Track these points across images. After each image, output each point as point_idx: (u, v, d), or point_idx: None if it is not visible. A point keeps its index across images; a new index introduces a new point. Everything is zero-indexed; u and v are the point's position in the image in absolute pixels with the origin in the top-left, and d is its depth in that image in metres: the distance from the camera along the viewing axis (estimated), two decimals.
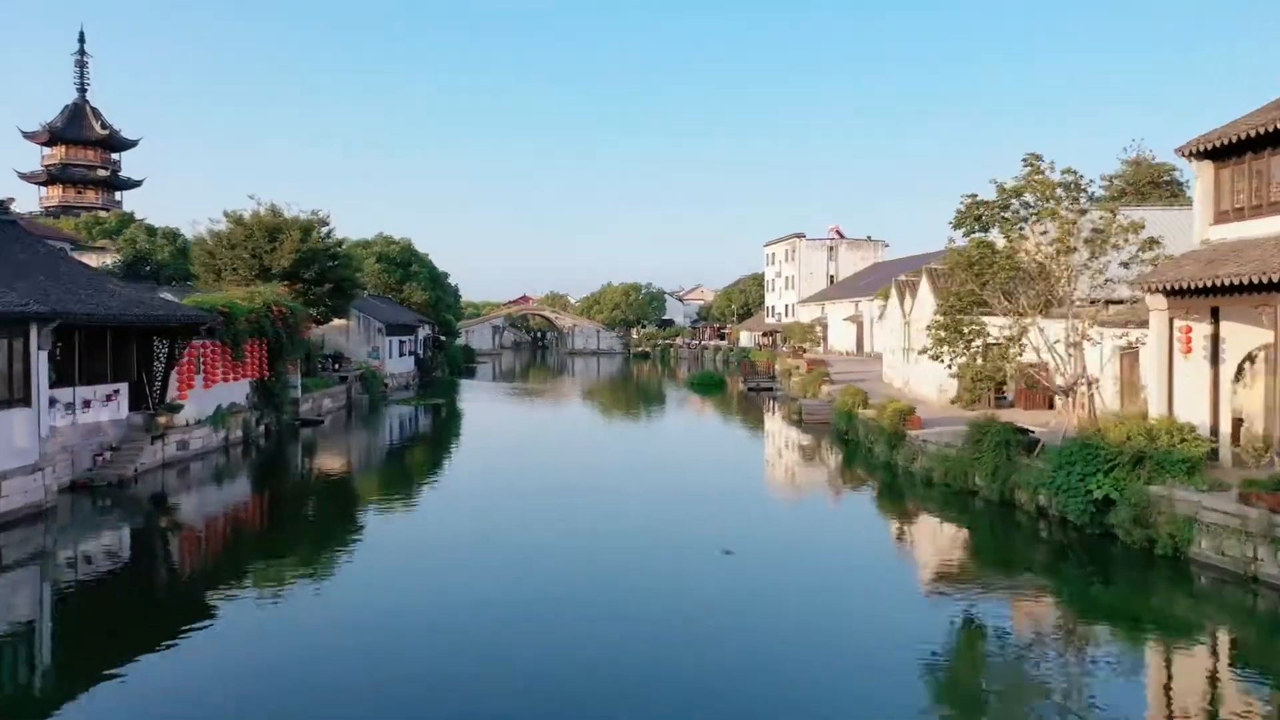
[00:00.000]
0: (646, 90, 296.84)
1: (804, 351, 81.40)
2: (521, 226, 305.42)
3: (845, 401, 30.57)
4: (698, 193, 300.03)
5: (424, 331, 70.19)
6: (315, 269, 44.43)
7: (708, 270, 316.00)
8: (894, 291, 39.16)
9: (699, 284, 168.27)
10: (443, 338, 73.37)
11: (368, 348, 52.51)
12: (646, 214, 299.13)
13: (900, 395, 34.23)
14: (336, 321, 51.68)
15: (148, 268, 58.15)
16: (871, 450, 27.23)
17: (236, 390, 29.38)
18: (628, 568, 16.16)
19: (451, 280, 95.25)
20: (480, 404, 53.06)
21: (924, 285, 32.64)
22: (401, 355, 57.25)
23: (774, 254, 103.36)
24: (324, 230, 47.48)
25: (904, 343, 36.32)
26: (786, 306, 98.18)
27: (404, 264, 73.35)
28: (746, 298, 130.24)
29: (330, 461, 30.31)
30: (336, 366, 50.11)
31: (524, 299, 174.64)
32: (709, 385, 59.93)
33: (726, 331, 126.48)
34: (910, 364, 35.11)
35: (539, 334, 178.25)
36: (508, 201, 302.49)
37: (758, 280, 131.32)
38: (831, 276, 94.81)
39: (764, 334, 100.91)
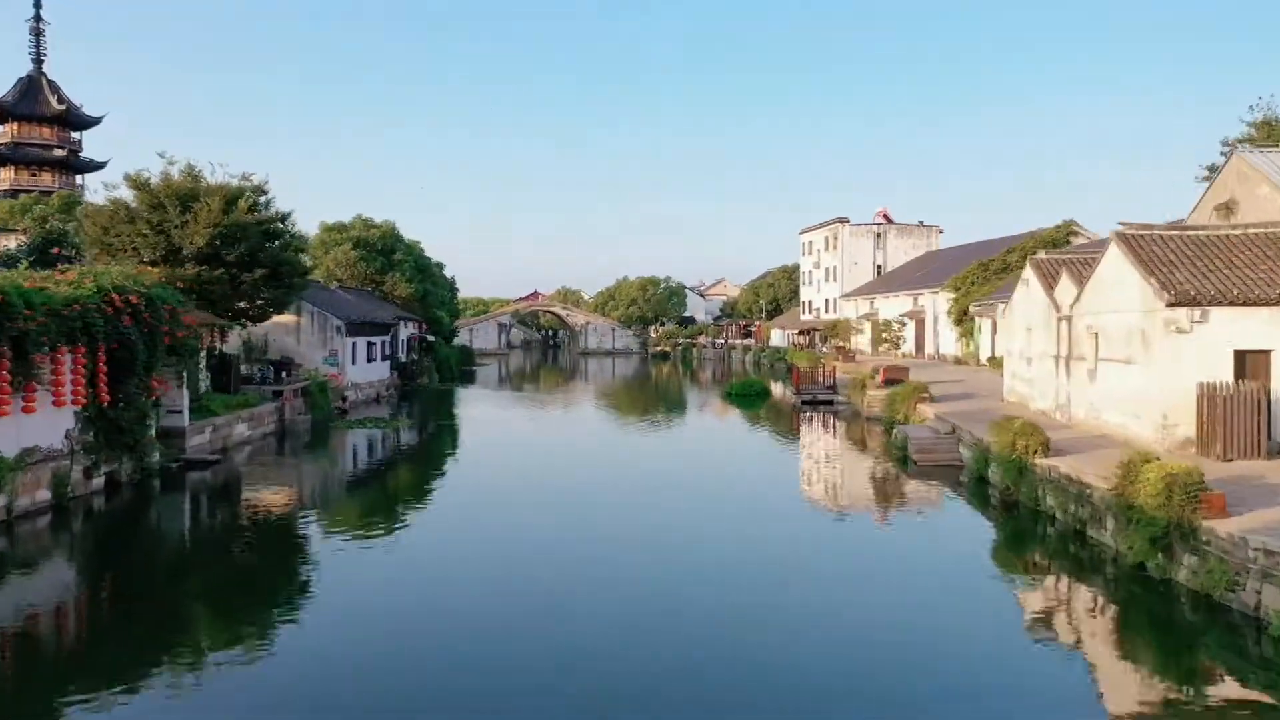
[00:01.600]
0: (658, 75, 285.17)
1: (847, 352, 70.43)
2: (533, 222, 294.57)
3: (1005, 442, 19.30)
4: (718, 183, 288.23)
5: (407, 330, 59.33)
6: (242, 249, 33.59)
7: (731, 264, 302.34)
8: (1032, 275, 27.83)
9: (722, 278, 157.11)
10: (430, 338, 62.45)
11: (324, 351, 41.64)
12: (663, 205, 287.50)
13: (1058, 426, 22.97)
14: (282, 318, 40.84)
15: (61, 250, 47.43)
16: (1083, 535, 16.00)
17: (41, 426, 18.44)
18: None
19: (448, 272, 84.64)
20: (470, 422, 42.03)
21: (1115, 258, 21.27)
22: (371, 360, 46.36)
23: (811, 242, 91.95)
24: (260, 200, 36.64)
25: (1057, 348, 25.03)
26: (827, 301, 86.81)
27: (386, 251, 62.54)
28: (775, 292, 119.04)
29: (202, 534, 19.45)
30: (284, 375, 39.38)
31: (535, 295, 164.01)
32: (750, 396, 48.76)
33: (754, 329, 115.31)
34: (1078, 381, 23.79)
35: (550, 332, 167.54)
36: (519, 195, 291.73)
37: (788, 273, 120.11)
38: (879, 267, 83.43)
39: (800, 332, 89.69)
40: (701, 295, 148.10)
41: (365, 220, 63.08)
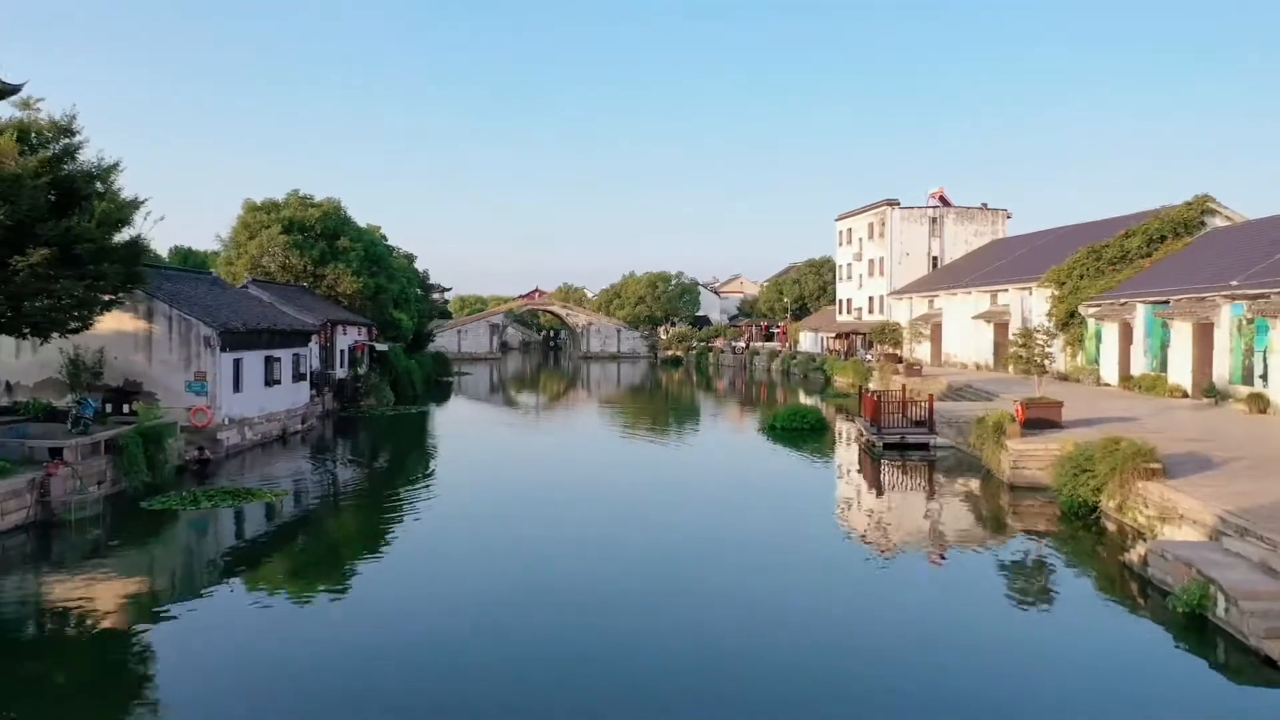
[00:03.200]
0: (664, 53, 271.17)
1: (912, 364, 57.38)
2: (535, 217, 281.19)
3: None
4: (733, 170, 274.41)
5: (350, 338, 46.21)
6: (1, 216, 20.45)
7: (747, 258, 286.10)
8: None
9: (737, 274, 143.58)
10: (382, 346, 49.20)
11: (188, 373, 28.45)
12: (672, 195, 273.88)
13: None
14: (126, 326, 27.84)
15: None
16: None
17: None
18: None
19: (421, 265, 71.81)
20: (413, 476, 28.87)
21: None
22: (274, 382, 33.09)
23: (850, 230, 78.42)
24: (66, 144, 23.50)
25: None
26: (870, 299, 73.37)
27: (328, 235, 49.43)
28: (801, 289, 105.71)
29: None
30: (125, 409, 26.57)
31: (535, 293, 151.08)
32: (801, 430, 35.48)
33: (777, 331, 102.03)
34: None
35: (551, 333, 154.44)
36: (521, 188, 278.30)
37: (816, 268, 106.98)
38: (935, 258, 69.97)
39: (837, 335, 76.33)
40: (716, 293, 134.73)
41: (302, 198, 49.92)
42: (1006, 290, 51.72)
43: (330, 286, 48.76)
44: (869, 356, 66.63)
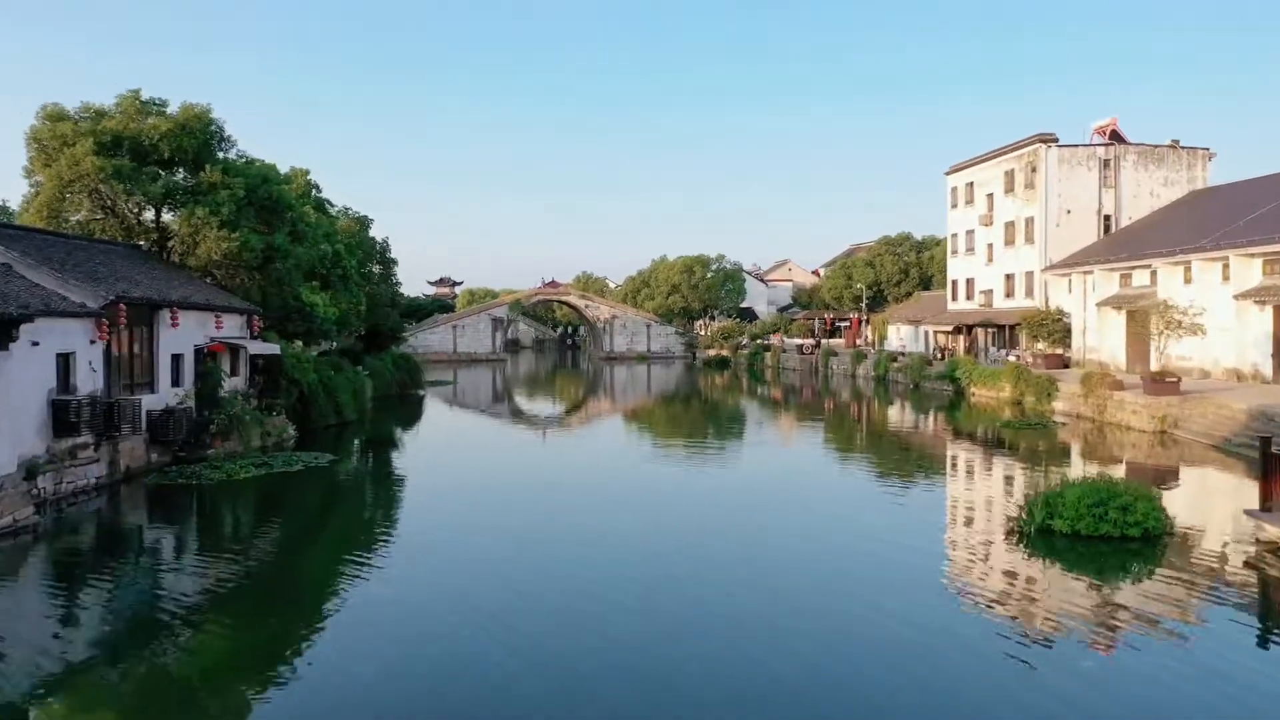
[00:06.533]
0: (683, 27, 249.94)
1: (1065, 363, 37.77)
2: (553, 206, 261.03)
3: None
4: (768, 141, 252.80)
5: (196, 332, 26.30)
6: None
7: (792, 245, 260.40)
8: None
9: (785, 259, 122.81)
10: (262, 349, 28.97)
11: None
12: (699, 185, 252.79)
13: None
14: None
15: None
16: None
17: None
18: None
19: (379, 232, 52.00)
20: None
21: None
22: None
23: (971, 186, 57.60)
24: None
25: None
26: (1009, 278, 52.72)
27: (187, 162, 29.68)
28: (876, 273, 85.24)
29: None
30: None
31: (551, 285, 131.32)
32: (1122, 540, 15.19)
33: (846, 324, 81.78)
34: None
35: (569, 329, 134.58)
36: (537, 184, 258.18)
37: (892, 246, 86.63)
38: (1107, 218, 49.33)
39: (954, 329, 55.95)
40: (763, 281, 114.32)
41: (143, 103, 29.98)
42: None
43: (187, 241, 28.99)
44: (1011, 357, 46.49)
